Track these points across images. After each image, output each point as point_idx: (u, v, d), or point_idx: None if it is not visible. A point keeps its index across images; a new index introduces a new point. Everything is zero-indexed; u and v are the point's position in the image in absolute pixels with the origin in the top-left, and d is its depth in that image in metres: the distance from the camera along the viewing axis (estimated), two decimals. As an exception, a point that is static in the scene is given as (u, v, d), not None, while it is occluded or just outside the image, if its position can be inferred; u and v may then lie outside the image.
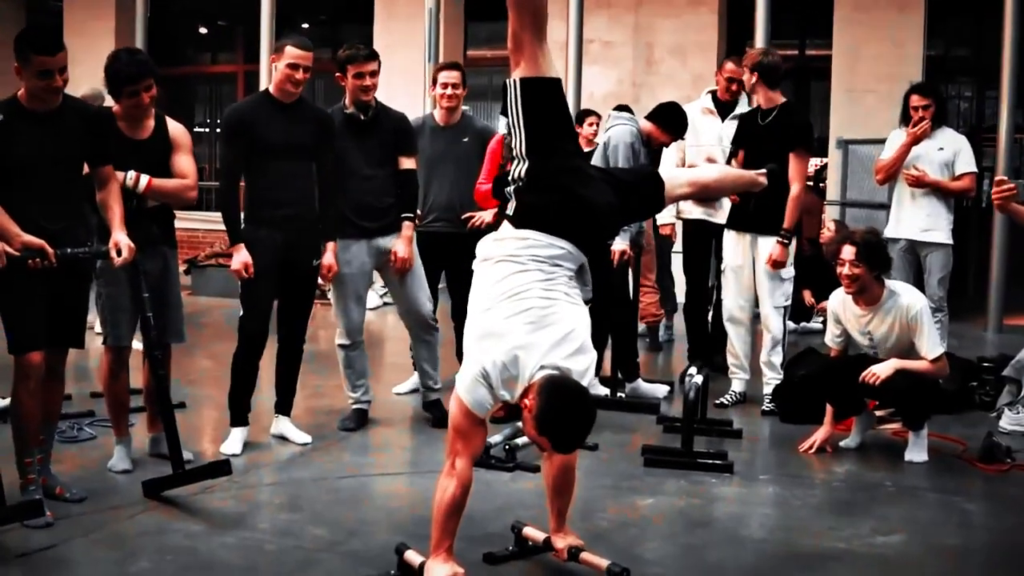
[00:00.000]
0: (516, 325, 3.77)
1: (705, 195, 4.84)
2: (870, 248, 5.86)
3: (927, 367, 5.82)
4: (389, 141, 6.27)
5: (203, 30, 18.49)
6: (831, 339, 6.25)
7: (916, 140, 7.46)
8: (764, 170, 5.00)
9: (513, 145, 4.04)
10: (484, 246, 4.04)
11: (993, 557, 4.54)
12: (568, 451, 4.01)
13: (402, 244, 6.25)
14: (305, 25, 17.22)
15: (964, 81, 15.73)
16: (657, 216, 8.00)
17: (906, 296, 5.93)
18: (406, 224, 6.27)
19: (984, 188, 11.86)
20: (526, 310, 3.78)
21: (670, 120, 7.13)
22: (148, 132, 5.34)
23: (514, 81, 3.99)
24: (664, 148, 7.34)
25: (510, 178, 4.03)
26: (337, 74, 6.25)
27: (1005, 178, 5.42)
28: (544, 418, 3.68)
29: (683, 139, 7.34)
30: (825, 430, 6.07)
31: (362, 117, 6.22)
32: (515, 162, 4.02)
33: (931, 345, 5.83)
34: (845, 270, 5.86)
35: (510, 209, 4.01)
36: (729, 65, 7.72)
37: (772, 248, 6.75)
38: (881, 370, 5.80)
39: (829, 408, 6.10)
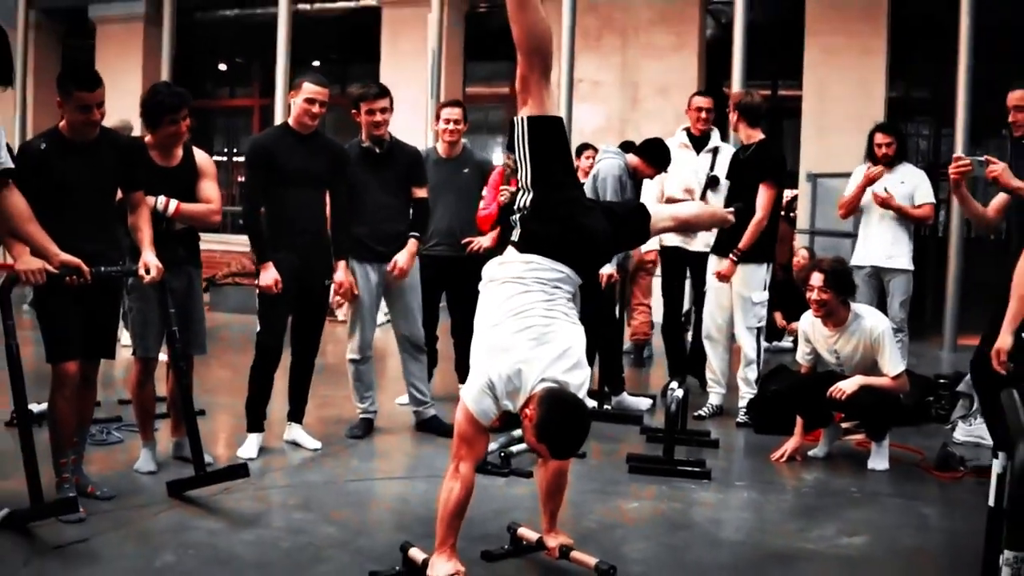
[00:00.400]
0: (520, 341, 3.81)
1: (684, 229, 4.92)
2: (837, 276, 5.92)
3: (889, 383, 5.86)
4: (403, 173, 6.30)
5: (222, 67, 18.57)
6: (801, 357, 6.29)
7: (870, 181, 7.54)
8: (732, 208, 5.08)
9: (519, 177, 4.09)
10: (490, 269, 4.07)
11: (948, 557, 4.56)
12: (565, 457, 4.03)
13: (404, 254, 6.26)
14: (316, 63, 17.27)
15: (923, 120, 15.83)
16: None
17: (870, 319, 5.98)
18: (412, 240, 6.30)
19: (940, 219, 11.93)
20: (529, 327, 3.83)
21: (655, 155, 7.17)
22: (177, 160, 5.38)
23: (522, 119, 4.03)
24: (648, 180, 7.39)
25: (515, 207, 4.08)
26: (352, 110, 6.28)
27: (962, 155, 5.42)
28: (544, 427, 3.72)
29: (666, 172, 7.38)
30: (795, 440, 6.10)
31: (377, 151, 6.25)
32: (520, 193, 4.07)
33: (892, 363, 5.87)
34: (814, 295, 5.91)
35: (515, 235, 4.05)
36: (696, 100, 7.75)
37: (719, 263, 6.83)
38: (847, 386, 5.84)
39: (799, 420, 6.13)
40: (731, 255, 6.78)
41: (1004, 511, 2.59)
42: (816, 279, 5.91)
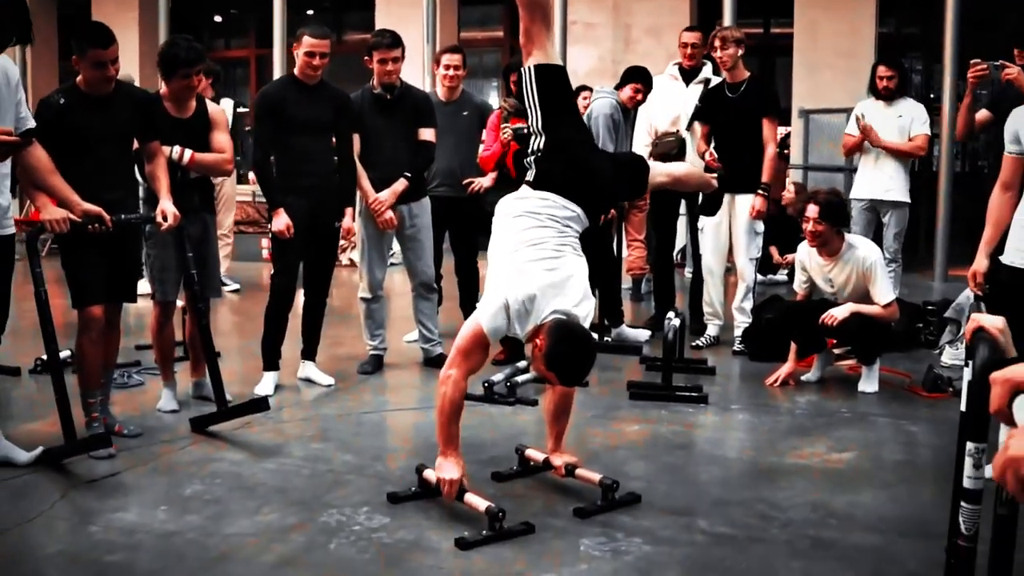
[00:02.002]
0: (536, 269, 4.07)
1: (675, 187, 5.16)
2: (831, 207, 6.12)
3: (879, 311, 6.09)
4: (412, 118, 6.47)
5: (218, 18, 18.61)
6: (798, 285, 6.53)
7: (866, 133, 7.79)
8: (715, 175, 5.35)
9: (530, 122, 4.33)
10: (507, 202, 4.33)
11: (932, 468, 4.78)
12: (572, 385, 4.29)
13: (386, 192, 6.41)
14: (310, 12, 17.33)
15: (914, 56, 15.93)
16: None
17: (862, 249, 6.20)
18: (400, 179, 6.42)
19: (934, 153, 12.08)
20: (544, 258, 4.09)
21: (631, 75, 7.43)
22: (191, 112, 5.57)
23: (529, 68, 4.31)
24: (638, 107, 7.58)
25: (530, 150, 4.33)
26: (365, 58, 6.43)
27: (979, 60, 5.58)
28: (553, 356, 3.96)
29: (648, 91, 7.53)
30: (789, 365, 6.35)
31: (388, 97, 6.41)
32: (532, 137, 4.32)
33: (883, 292, 6.10)
34: (809, 227, 6.12)
35: (529, 176, 4.32)
36: (684, 35, 7.88)
37: (754, 201, 6.99)
38: (838, 312, 6.07)
39: (793, 346, 6.38)
40: (759, 191, 6.98)
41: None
42: (811, 211, 6.11)
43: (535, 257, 4.10)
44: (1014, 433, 1.58)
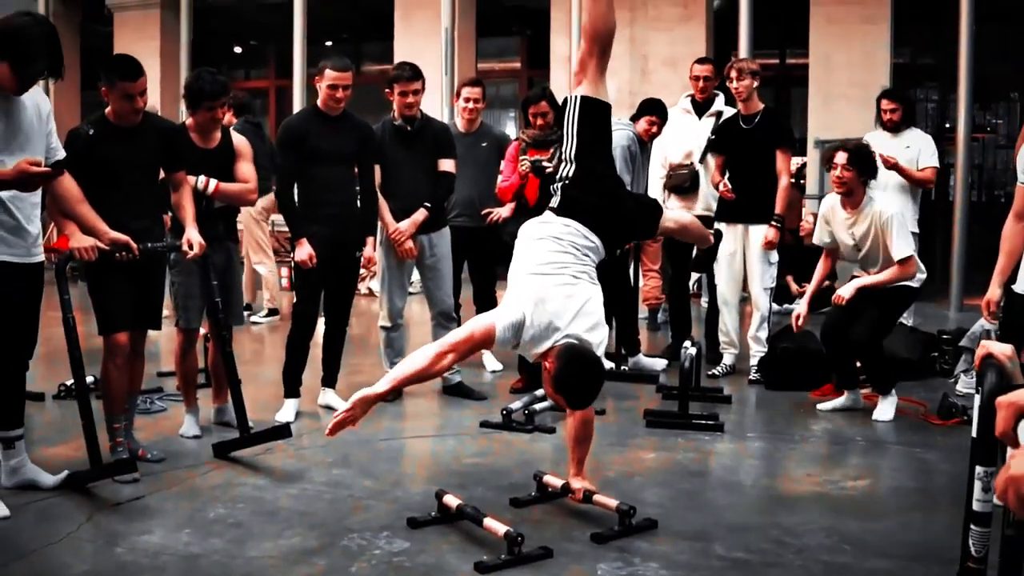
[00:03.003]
0: (557, 295, 4.18)
1: (679, 235, 5.30)
2: (859, 154, 6.15)
3: (891, 274, 6.09)
4: (433, 149, 6.57)
5: (238, 49, 18.81)
6: (819, 239, 6.53)
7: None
8: (712, 231, 5.48)
9: (563, 149, 4.45)
10: (531, 226, 4.45)
11: (946, 495, 4.80)
12: (579, 408, 4.37)
13: (406, 221, 6.51)
14: (329, 43, 17.49)
15: (931, 86, 16.00)
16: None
17: (880, 203, 6.23)
18: (420, 209, 6.52)
19: (950, 183, 12.14)
20: (563, 284, 4.21)
21: (646, 108, 7.49)
22: (216, 142, 5.71)
23: (576, 96, 4.44)
24: (654, 139, 7.66)
25: (558, 176, 4.45)
26: (386, 90, 6.54)
27: None
28: (561, 379, 4.06)
29: (663, 123, 7.59)
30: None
31: (408, 128, 6.52)
32: (563, 164, 4.43)
33: (899, 247, 6.08)
34: (837, 172, 6.14)
35: (554, 202, 4.43)
36: (695, 68, 7.96)
37: (767, 231, 7.08)
38: (845, 292, 6.13)
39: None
40: (772, 222, 7.07)
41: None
42: (840, 157, 6.14)
43: (555, 283, 4.21)
44: (1016, 453, 1.66)
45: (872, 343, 6.19)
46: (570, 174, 4.41)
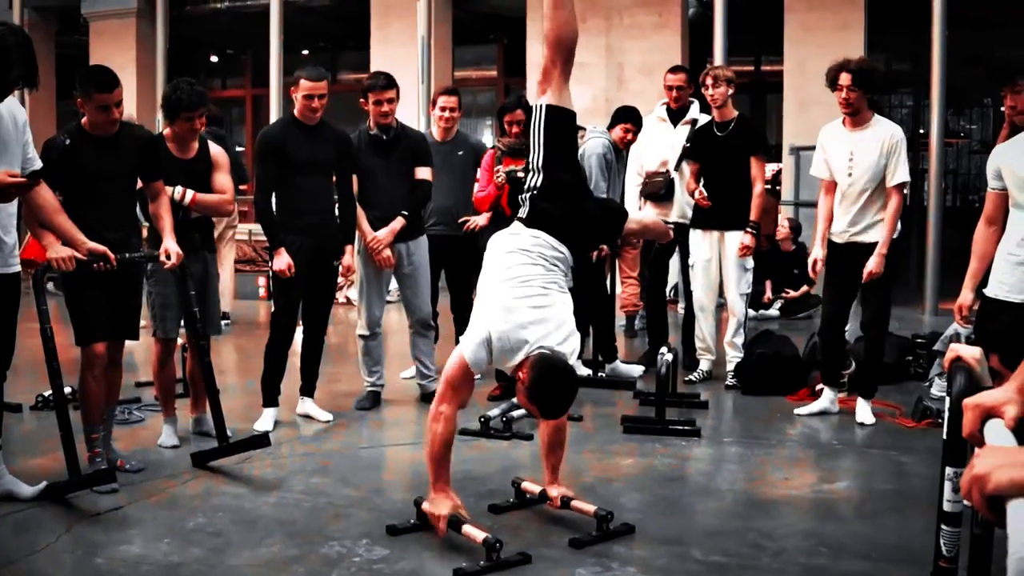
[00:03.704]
0: (522, 306, 4.17)
1: (642, 233, 5.38)
2: (863, 74, 6.11)
3: (892, 215, 6.10)
4: (409, 158, 6.59)
5: (214, 59, 18.80)
6: (816, 171, 6.46)
7: None
8: (671, 225, 5.57)
9: (530, 159, 4.44)
10: (499, 238, 4.44)
11: (921, 498, 4.80)
12: (553, 417, 4.38)
13: (384, 230, 6.52)
14: (305, 52, 17.50)
15: (904, 92, 16.14)
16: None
17: (891, 124, 6.26)
18: (398, 218, 6.53)
19: (924, 189, 12.22)
20: (531, 295, 4.20)
21: (621, 115, 7.55)
22: (193, 153, 5.72)
23: (541, 105, 4.40)
24: (630, 147, 7.70)
25: (525, 187, 4.44)
26: (361, 99, 6.57)
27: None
28: (534, 389, 4.07)
29: (638, 130, 7.61)
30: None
31: (384, 137, 6.54)
32: (531, 174, 4.42)
33: (901, 170, 6.10)
34: (843, 95, 6.11)
35: (523, 212, 4.42)
36: (668, 78, 8.00)
37: (742, 238, 7.12)
38: (873, 266, 6.07)
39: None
40: (748, 229, 7.11)
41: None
42: (844, 79, 6.09)
43: (522, 295, 4.20)
44: (980, 452, 1.69)
45: (883, 321, 6.33)
46: (538, 184, 4.40)
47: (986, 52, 14.11)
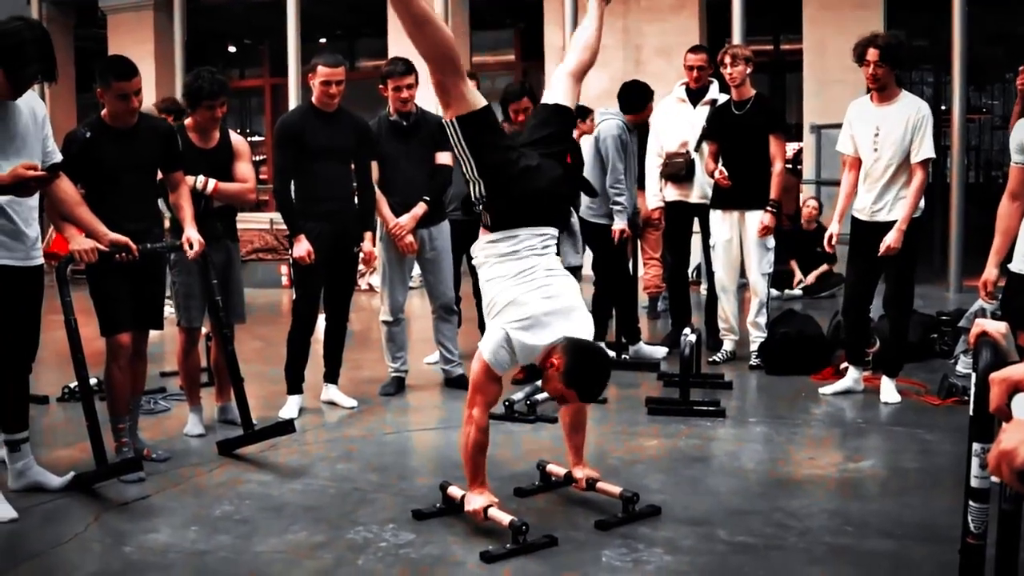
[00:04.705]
0: (534, 298, 4.15)
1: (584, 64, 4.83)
2: (890, 49, 6.08)
3: (915, 190, 6.07)
4: (429, 143, 6.54)
5: (232, 48, 18.83)
6: (842, 146, 6.45)
7: None
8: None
9: (464, 171, 4.28)
10: (480, 249, 4.35)
11: (947, 475, 4.81)
12: (591, 400, 4.37)
13: (406, 216, 6.50)
14: (323, 40, 17.49)
15: (925, 68, 16.04)
16: (648, 202, 8.24)
17: (918, 100, 6.25)
18: (420, 203, 6.53)
19: (947, 166, 12.15)
20: (539, 287, 4.17)
21: (630, 95, 7.58)
22: (215, 142, 5.74)
23: (451, 122, 4.20)
24: (648, 124, 7.69)
25: (474, 198, 4.31)
26: (380, 86, 6.56)
27: None
28: (572, 373, 4.03)
29: (644, 107, 7.65)
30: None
31: (404, 123, 6.53)
32: (472, 185, 4.28)
33: (926, 146, 6.07)
34: (870, 70, 6.10)
35: (487, 221, 4.32)
36: (688, 58, 7.95)
37: (763, 217, 7.09)
38: (890, 239, 6.06)
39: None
40: (768, 208, 7.08)
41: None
42: (872, 54, 6.07)
43: (529, 288, 4.17)
44: (1007, 427, 1.68)
45: (905, 299, 6.31)
46: (483, 190, 4.27)
47: (1007, 28, 13.99)
